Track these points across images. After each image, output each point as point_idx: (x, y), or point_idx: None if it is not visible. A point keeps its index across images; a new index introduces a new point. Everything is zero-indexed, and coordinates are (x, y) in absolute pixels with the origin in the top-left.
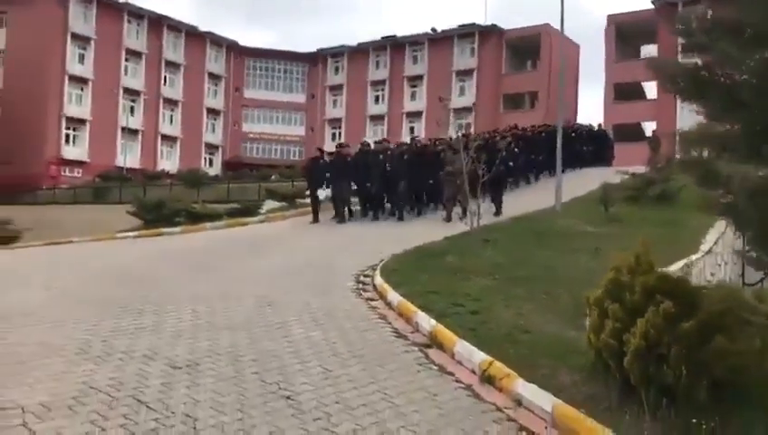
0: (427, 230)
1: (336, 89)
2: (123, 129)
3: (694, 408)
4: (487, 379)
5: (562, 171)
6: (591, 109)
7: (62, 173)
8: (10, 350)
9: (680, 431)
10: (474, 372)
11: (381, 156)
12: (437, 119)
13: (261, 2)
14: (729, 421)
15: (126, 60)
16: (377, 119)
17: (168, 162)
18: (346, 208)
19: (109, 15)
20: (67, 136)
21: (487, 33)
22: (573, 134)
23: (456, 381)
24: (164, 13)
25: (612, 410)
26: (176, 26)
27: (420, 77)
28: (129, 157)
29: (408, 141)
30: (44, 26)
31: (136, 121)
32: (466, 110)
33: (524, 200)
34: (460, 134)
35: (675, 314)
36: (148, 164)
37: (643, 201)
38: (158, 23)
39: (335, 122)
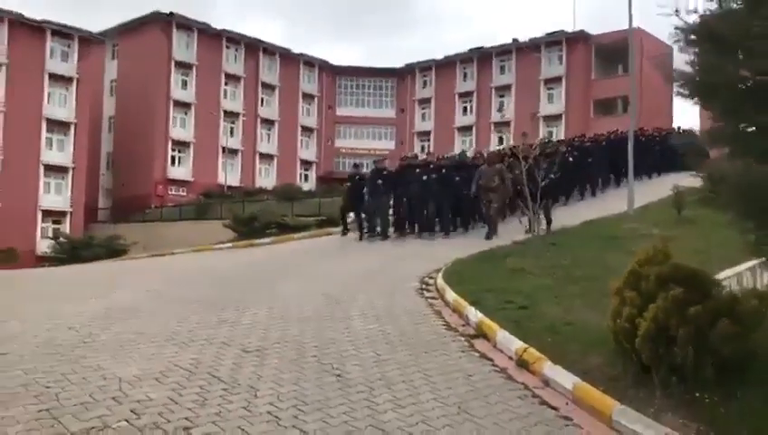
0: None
1: (424, 102)
2: (224, 149)
3: (701, 385)
4: (521, 363)
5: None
6: (690, 111)
7: (169, 192)
8: (113, 337)
9: (687, 406)
10: (511, 358)
11: (419, 170)
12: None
13: (348, 20)
14: (733, 397)
15: (225, 84)
16: (465, 130)
17: (266, 179)
18: (378, 225)
19: (208, 42)
20: (173, 157)
21: (575, 40)
22: (643, 139)
23: (493, 366)
24: (259, 37)
25: (628, 389)
26: (270, 50)
27: (508, 87)
28: (229, 175)
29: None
30: (151, 56)
31: (235, 141)
32: (556, 117)
33: (599, 206)
34: (500, 147)
35: (684, 299)
36: (247, 181)
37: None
38: (254, 47)
39: (424, 135)
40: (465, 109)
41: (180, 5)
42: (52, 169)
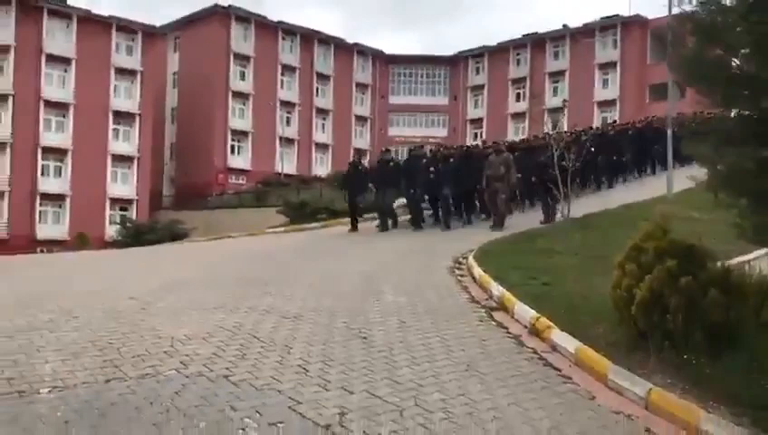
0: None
1: (477, 89)
2: (280, 138)
3: (691, 350)
4: (533, 331)
5: (653, 172)
6: None
7: (229, 180)
8: (168, 305)
9: (677, 368)
10: (525, 326)
11: (425, 160)
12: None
13: (403, 8)
14: (719, 360)
15: (282, 74)
16: (518, 117)
17: (321, 167)
18: (389, 217)
19: (265, 34)
20: (232, 147)
21: (630, 24)
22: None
23: (507, 333)
24: (314, 28)
25: (626, 353)
26: (325, 40)
27: (562, 72)
28: (286, 164)
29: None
30: (210, 48)
31: (292, 131)
32: (610, 103)
33: (636, 191)
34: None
35: (678, 271)
36: (303, 170)
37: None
38: (309, 38)
39: (477, 122)
40: (518, 95)
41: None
42: (119, 159)
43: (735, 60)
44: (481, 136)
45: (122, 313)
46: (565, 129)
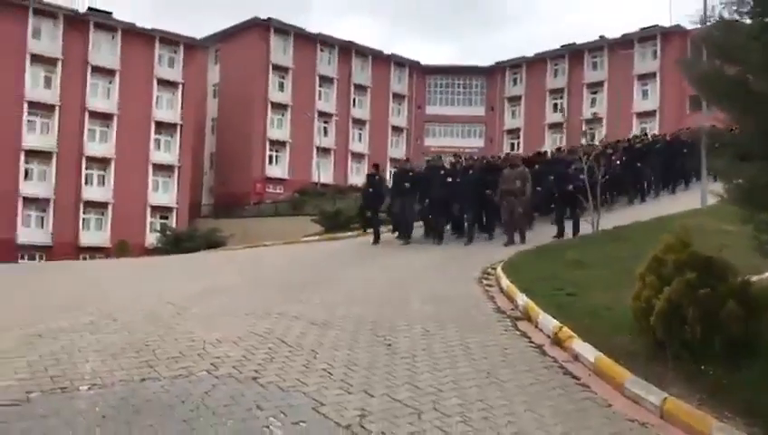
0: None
1: (514, 100)
2: (317, 148)
3: (709, 360)
4: (555, 341)
5: (686, 185)
6: None
7: (266, 190)
8: (203, 311)
9: (694, 378)
10: (548, 336)
11: (443, 171)
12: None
13: (441, 19)
14: (737, 371)
15: (319, 85)
16: (555, 127)
17: (357, 177)
18: (406, 229)
19: (304, 46)
20: (270, 157)
21: (670, 35)
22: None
23: (530, 342)
24: (352, 39)
25: (645, 362)
26: (363, 51)
27: (600, 83)
28: (323, 173)
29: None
30: (250, 60)
31: (329, 141)
32: (650, 114)
33: (668, 204)
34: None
35: (697, 283)
36: (339, 179)
37: None
38: (347, 49)
39: (514, 133)
40: (555, 106)
41: (279, 10)
42: (160, 169)
43: (750, 77)
44: (517, 147)
45: (159, 317)
46: (598, 141)
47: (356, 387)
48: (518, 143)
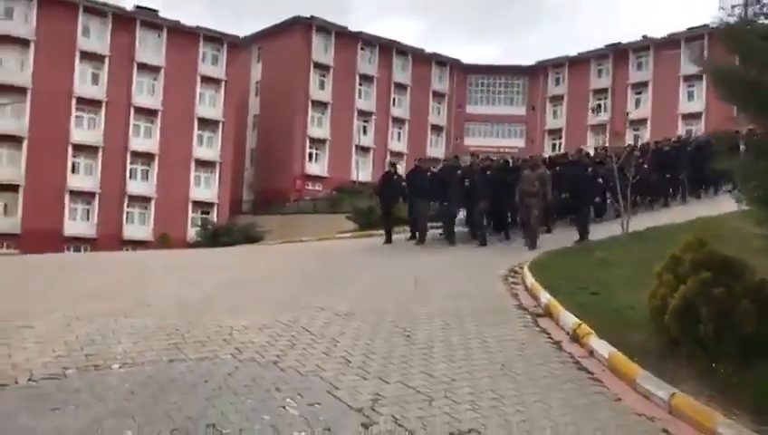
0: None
1: (556, 99)
2: (357, 147)
3: (722, 359)
4: (574, 337)
5: (715, 191)
6: None
7: (306, 187)
8: (233, 300)
9: (705, 375)
10: (568, 333)
11: (460, 171)
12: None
13: (484, 17)
14: (748, 370)
15: (360, 84)
16: (598, 128)
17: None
18: (421, 229)
19: (345, 45)
20: (310, 154)
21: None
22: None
23: (549, 338)
24: (393, 38)
25: (659, 359)
26: (403, 50)
27: (645, 84)
28: (361, 171)
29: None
30: (292, 58)
31: (368, 139)
32: (695, 116)
33: (698, 208)
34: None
35: (712, 282)
36: (377, 178)
37: None
38: (387, 48)
39: (555, 133)
40: (599, 106)
41: (319, 10)
42: (202, 164)
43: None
44: (559, 147)
45: (191, 304)
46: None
47: (372, 374)
48: (560, 144)
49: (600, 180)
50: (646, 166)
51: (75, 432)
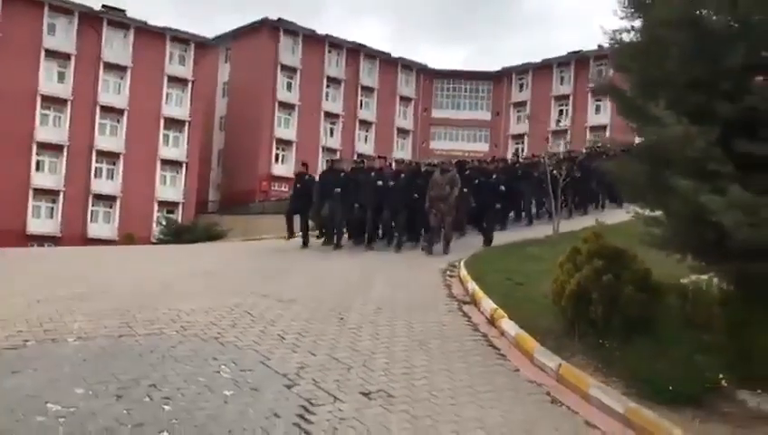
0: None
1: (520, 105)
2: (324, 148)
3: (609, 337)
4: (490, 320)
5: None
6: None
7: (272, 188)
8: (185, 288)
9: (595, 351)
10: (486, 317)
11: (374, 174)
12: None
13: (453, 23)
14: (631, 345)
15: (327, 86)
16: (560, 133)
17: None
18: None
19: (312, 47)
20: (277, 155)
21: None
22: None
23: (468, 322)
24: (361, 42)
25: (558, 338)
26: (371, 54)
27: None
28: None
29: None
30: (259, 60)
31: (334, 142)
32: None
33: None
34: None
35: (602, 269)
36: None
37: None
38: (355, 52)
39: (518, 138)
40: (560, 112)
41: (291, 11)
42: (168, 164)
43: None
44: (522, 151)
45: (145, 291)
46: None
47: (302, 348)
48: (522, 148)
49: (503, 188)
50: (577, 173)
51: (32, 389)
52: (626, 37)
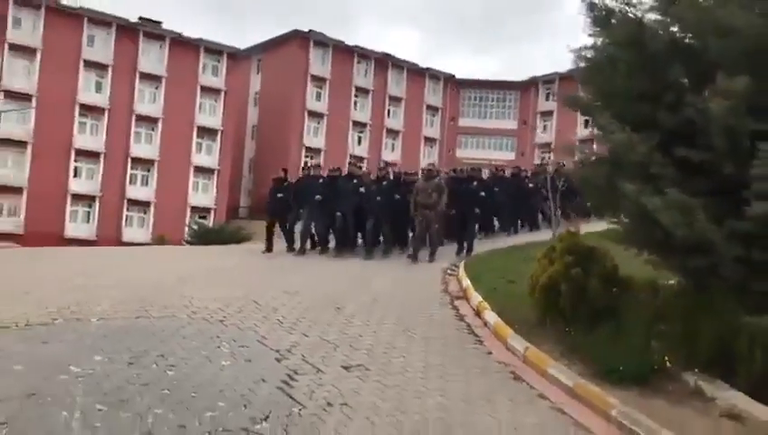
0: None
1: (546, 115)
2: (351, 156)
3: (576, 325)
4: (476, 312)
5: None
6: None
7: None
8: (201, 281)
9: (563, 338)
10: (473, 310)
11: (355, 180)
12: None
13: (482, 33)
14: (595, 331)
15: (355, 96)
16: (587, 142)
17: None
18: (308, 239)
19: (341, 58)
20: (305, 163)
21: None
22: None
23: (457, 313)
24: (389, 52)
25: (531, 327)
26: (399, 64)
27: None
28: None
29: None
30: (290, 70)
31: (362, 150)
32: None
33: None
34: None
35: (572, 264)
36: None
37: None
38: (383, 62)
39: (545, 147)
40: (587, 122)
41: (320, 22)
42: (201, 171)
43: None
44: (548, 160)
45: (164, 283)
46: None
47: (297, 331)
48: (549, 157)
49: (483, 194)
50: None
51: (58, 356)
52: (588, 54)
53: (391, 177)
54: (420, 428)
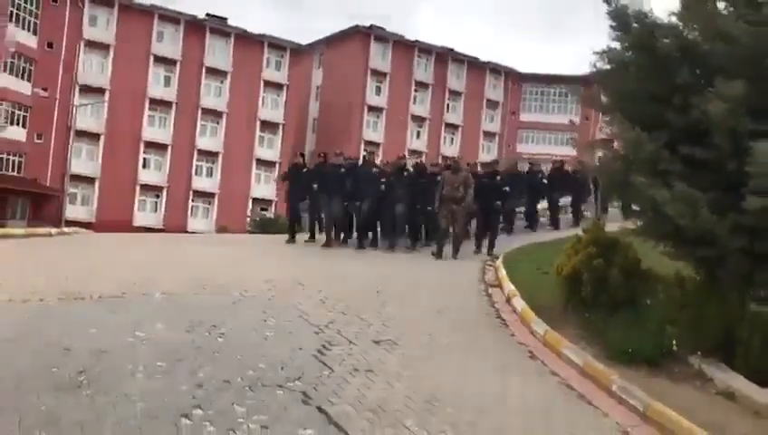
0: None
1: None
2: (410, 150)
3: (597, 312)
4: (507, 299)
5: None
6: None
7: None
8: (254, 264)
9: (583, 323)
10: (505, 297)
11: (376, 170)
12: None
13: (549, 22)
14: (613, 318)
15: (415, 90)
16: (608, 141)
17: None
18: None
19: (402, 52)
20: (364, 157)
21: None
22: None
23: (490, 300)
24: (449, 46)
25: (556, 313)
26: (459, 58)
27: None
28: None
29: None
30: (350, 65)
31: (420, 144)
32: None
33: None
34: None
35: (595, 255)
36: None
37: None
38: (443, 56)
39: (606, 142)
40: None
41: (382, 18)
42: (263, 164)
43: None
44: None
45: (221, 265)
46: None
47: (337, 310)
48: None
49: (507, 189)
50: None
51: (125, 323)
52: (606, 57)
53: (410, 168)
54: (435, 391)
